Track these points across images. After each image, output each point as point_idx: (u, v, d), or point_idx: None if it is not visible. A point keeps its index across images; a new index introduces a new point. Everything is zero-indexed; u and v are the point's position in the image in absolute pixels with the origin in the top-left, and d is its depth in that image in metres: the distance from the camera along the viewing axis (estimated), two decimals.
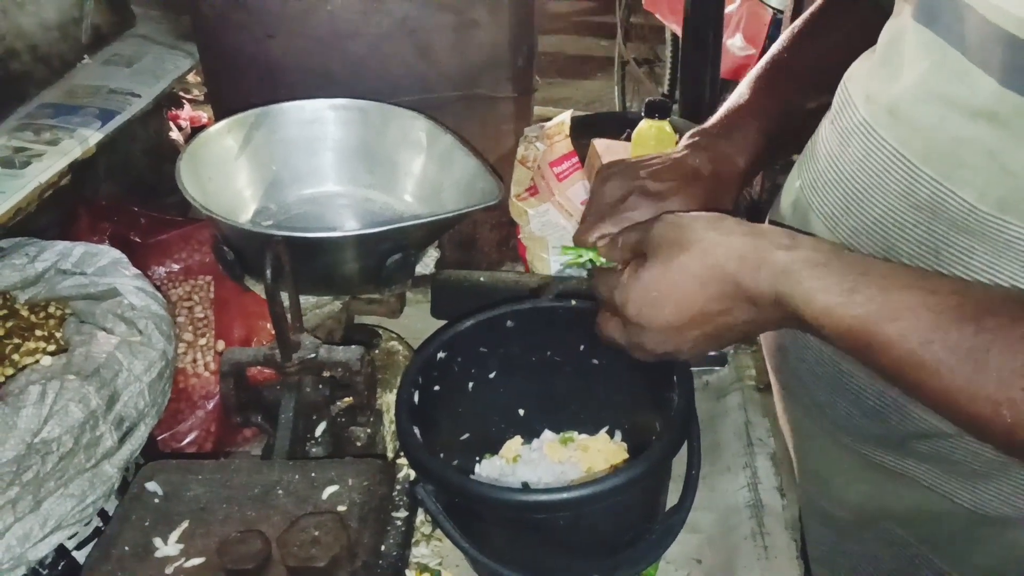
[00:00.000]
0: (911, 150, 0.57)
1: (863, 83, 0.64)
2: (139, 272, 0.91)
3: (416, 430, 0.72)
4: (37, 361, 0.78)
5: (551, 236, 1.11)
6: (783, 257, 0.55)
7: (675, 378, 0.72)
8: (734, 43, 2.66)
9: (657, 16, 3.09)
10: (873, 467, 0.67)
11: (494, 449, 0.87)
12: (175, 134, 1.34)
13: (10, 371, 0.80)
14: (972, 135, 0.53)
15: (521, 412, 0.88)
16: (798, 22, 0.81)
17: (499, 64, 1.11)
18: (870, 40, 0.68)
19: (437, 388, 0.80)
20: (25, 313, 0.87)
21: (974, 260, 0.54)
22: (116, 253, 0.92)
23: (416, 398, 0.76)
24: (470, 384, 0.84)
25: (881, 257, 0.60)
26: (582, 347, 0.82)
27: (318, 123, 0.98)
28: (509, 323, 0.83)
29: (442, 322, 0.83)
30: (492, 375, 0.85)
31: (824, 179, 0.66)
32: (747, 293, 0.56)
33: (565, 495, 0.64)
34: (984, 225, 0.53)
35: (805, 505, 0.83)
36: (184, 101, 1.39)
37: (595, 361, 0.80)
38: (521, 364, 0.85)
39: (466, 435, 0.85)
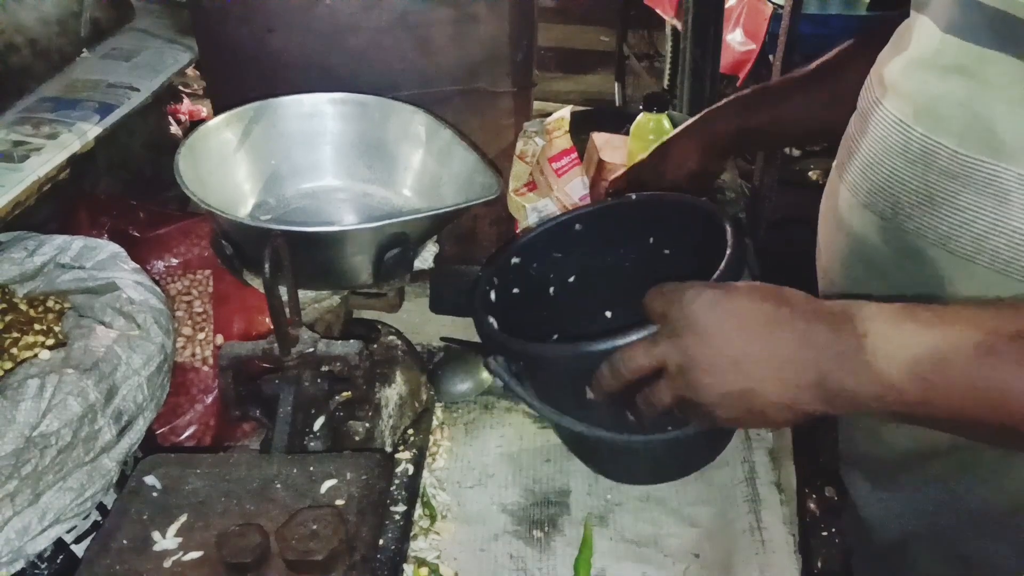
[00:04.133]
0: (904, 113, 0.66)
1: (877, 67, 0.73)
2: (137, 266, 0.91)
3: (492, 319, 0.74)
4: (36, 355, 0.79)
5: None
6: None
7: (728, 236, 0.70)
8: (734, 38, 2.65)
9: (657, 11, 3.09)
10: None
11: None
12: (174, 128, 1.34)
13: (9, 365, 0.80)
14: (946, 90, 0.62)
15: (608, 315, 0.88)
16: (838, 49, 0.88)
17: (498, 59, 1.11)
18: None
19: (516, 291, 0.80)
20: (24, 307, 0.87)
21: (960, 200, 0.61)
22: (115, 247, 0.92)
23: (493, 296, 0.77)
24: (551, 288, 0.84)
25: (890, 212, 0.68)
26: (651, 239, 0.81)
27: (317, 117, 0.98)
28: (577, 226, 0.84)
29: (441, 317, 0.83)
30: (571, 279, 0.85)
31: (846, 153, 0.75)
32: (807, 308, 0.55)
33: (621, 340, 0.62)
34: (967, 168, 0.60)
35: (846, 457, 0.86)
36: (183, 95, 1.39)
37: (666, 251, 0.80)
38: (598, 266, 0.85)
39: (555, 336, 0.86)
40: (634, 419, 0.64)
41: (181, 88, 1.41)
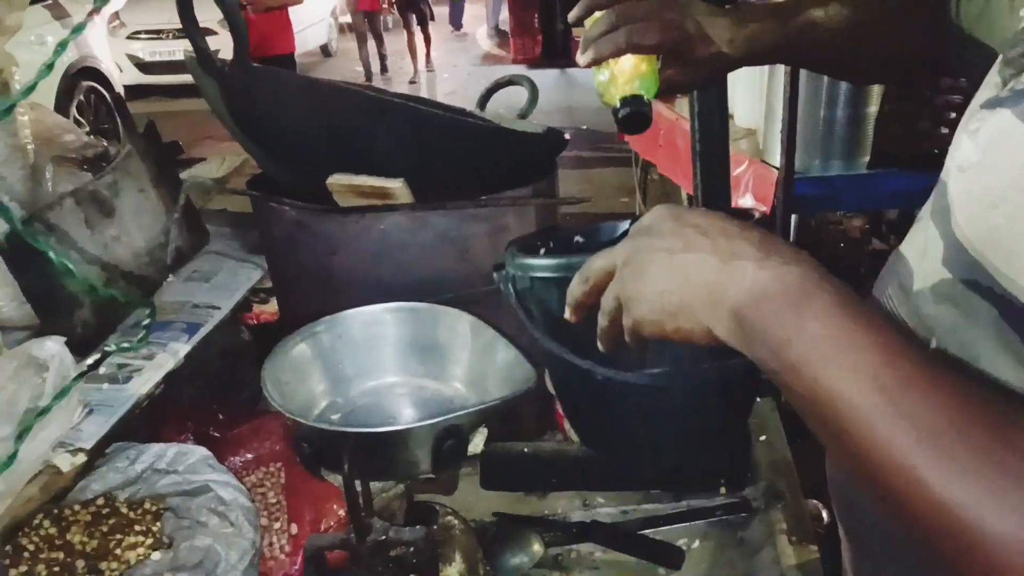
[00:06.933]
0: (905, 312, 0.65)
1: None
2: (225, 468, 1.03)
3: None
4: (142, 557, 0.89)
5: None
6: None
7: None
8: (744, 203, 2.81)
9: (671, 180, 3.32)
10: None
11: None
12: (245, 334, 1.50)
13: (115, 565, 0.91)
14: (936, 313, 0.62)
15: None
16: None
17: None
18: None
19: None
20: (124, 510, 0.98)
21: None
22: (203, 451, 1.05)
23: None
24: None
25: None
26: None
27: (376, 324, 1.13)
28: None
29: (491, 493, 0.91)
30: None
31: None
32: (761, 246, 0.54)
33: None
34: None
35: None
36: (252, 303, 1.56)
37: None
38: None
39: None
40: (600, 343, 0.63)
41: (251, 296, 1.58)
